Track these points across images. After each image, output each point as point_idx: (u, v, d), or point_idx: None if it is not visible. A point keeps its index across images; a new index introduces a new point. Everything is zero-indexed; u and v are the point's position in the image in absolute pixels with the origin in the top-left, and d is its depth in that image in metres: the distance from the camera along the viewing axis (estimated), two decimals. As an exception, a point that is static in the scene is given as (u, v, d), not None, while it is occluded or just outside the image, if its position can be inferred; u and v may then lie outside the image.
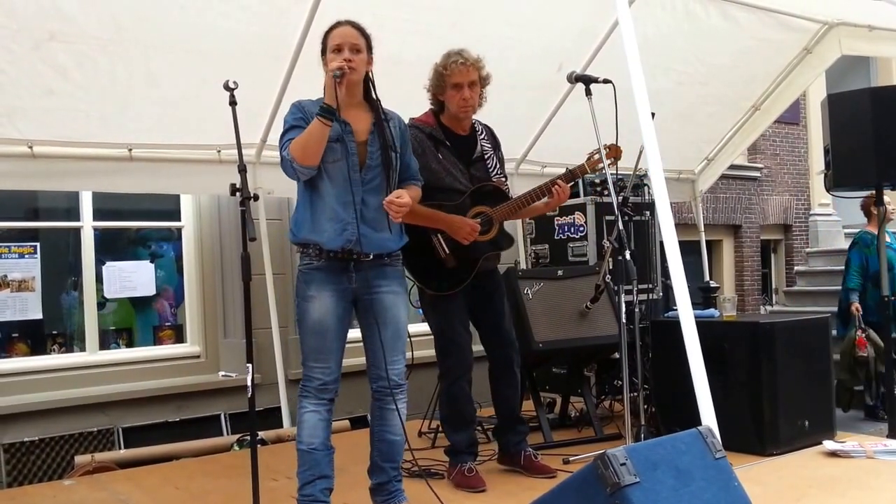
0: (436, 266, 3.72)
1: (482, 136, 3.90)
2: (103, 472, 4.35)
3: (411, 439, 4.50)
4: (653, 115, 3.28)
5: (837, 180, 5.59)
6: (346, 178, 3.07)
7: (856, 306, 6.16)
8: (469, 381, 3.82)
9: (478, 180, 3.81)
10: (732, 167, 7.86)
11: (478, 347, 3.90)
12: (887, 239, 5.80)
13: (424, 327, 4.02)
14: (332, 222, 3.06)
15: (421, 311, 3.92)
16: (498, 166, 3.90)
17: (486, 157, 3.87)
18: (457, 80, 3.65)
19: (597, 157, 3.73)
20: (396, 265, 3.28)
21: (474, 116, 3.87)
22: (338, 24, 3.15)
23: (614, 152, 3.78)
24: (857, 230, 9.72)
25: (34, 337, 5.27)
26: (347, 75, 2.99)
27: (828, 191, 5.95)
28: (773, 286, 10.29)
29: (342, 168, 3.07)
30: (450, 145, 3.77)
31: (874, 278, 5.87)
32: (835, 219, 10.35)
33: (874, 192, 5.44)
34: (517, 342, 4.01)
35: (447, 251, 3.70)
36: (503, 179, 3.91)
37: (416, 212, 3.49)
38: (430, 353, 3.94)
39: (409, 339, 3.40)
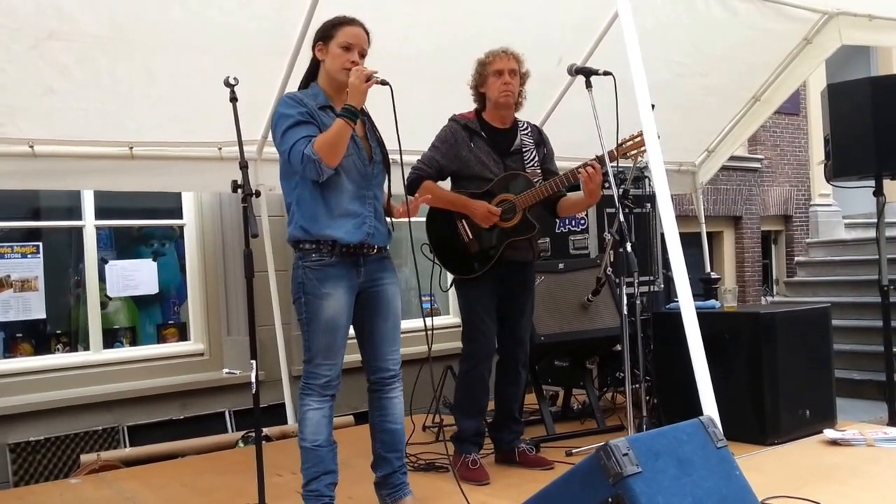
0: (460, 250, 3.82)
1: (524, 131, 3.96)
2: (109, 471, 4.38)
3: (416, 433, 4.54)
4: (653, 106, 3.28)
5: (837, 170, 5.60)
6: (360, 173, 3.12)
7: None
8: (489, 369, 3.87)
9: (511, 171, 3.86)
10: (733, 158, 7.85)
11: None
12: None
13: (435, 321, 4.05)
14: (349, 217, 3.08)
15: (429, 304, 3.96)
16: (536, 160, 3.93)
17: (524, 150, 3.92)
18: (497, 66, 3.78)
19: (630, 143, 3.73)
20: (390, 258, 3.33)
21: (522, 117, 3.97)
22: (350, 22, 3.15)
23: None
24: (858, 220, 9.75)
25: (38, 337, 5.28)
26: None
27: (828, 181, 5.96)
28: (774, 277, 10.29)
29: (356, 163, 3.11)
30: (485, 137, 3.85)
31: None
32: (835, 209, 10.35)
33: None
34: (528, 343, 4.02)
35: (470, 236, 3.80)
36: (538, 172, 3.91)
37: (437, 195, 3.69)
38: (435, 346, 3.95)
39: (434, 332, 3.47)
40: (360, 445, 3.56)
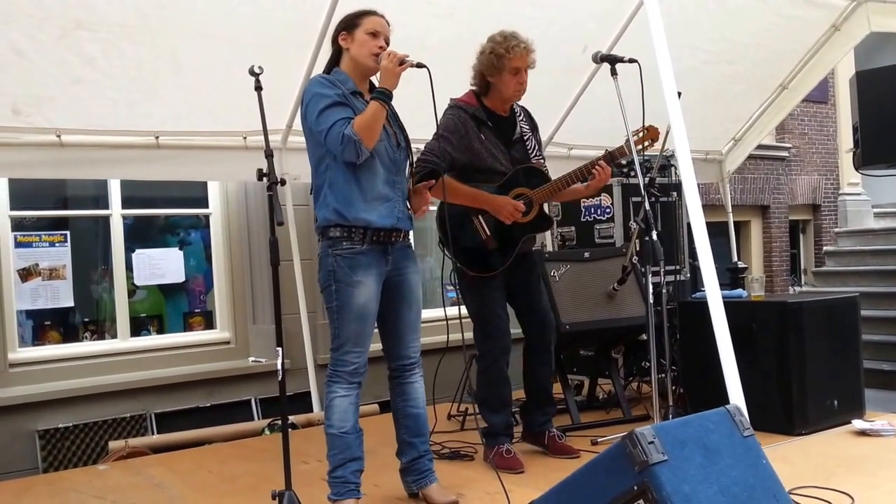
0: (477, 247, 3.74)
1: (521, 118, 3.91)
2: (137, 457, 4.43)
3: (441, 422, 4.55)
4: (679, 94, 3.25)
5: (866, 158, 5.53)
6: (390, 157, 3.14)
7: None
8: (507, 362, 3.83)
9: (517, 162, 3.81)
10: (760, 147, 7.78)
11: (514, 330, 3.90)
12: None
13: (453, 311, 4.03)
14: (381, 201, 3.10)
15: (454, 293, 3.94)
16: (537, 148, 3.90)
17: (525, 138, 3.87)
18: (518, 64, 3.67)
19: (636, 137, 3.71)
20: (412, 246, 3.35)
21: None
22: (373, 12, 3.17)
23: (652, 133, 3.75)
24: (888, 209, 9.63)
25: (66, 325, 5.35)
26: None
27: (856, 169, 5.89)
28: (802, 267, 10.20)
29: (387, 148, 3.13)
30: (491, 126, 3.77)
31: None
32: (864, 198, 10.23)
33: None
34: (553, 321, 4.01)
35: (488, 233, 3.72)
36: (542, 161, 3.90)
37: (459, 191, 3.59)
38: (457, 336, 3.94)
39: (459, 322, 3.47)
40: (385, 434, 3.57)
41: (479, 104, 3.79)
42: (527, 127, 3.91)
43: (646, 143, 3.75)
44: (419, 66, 3.04)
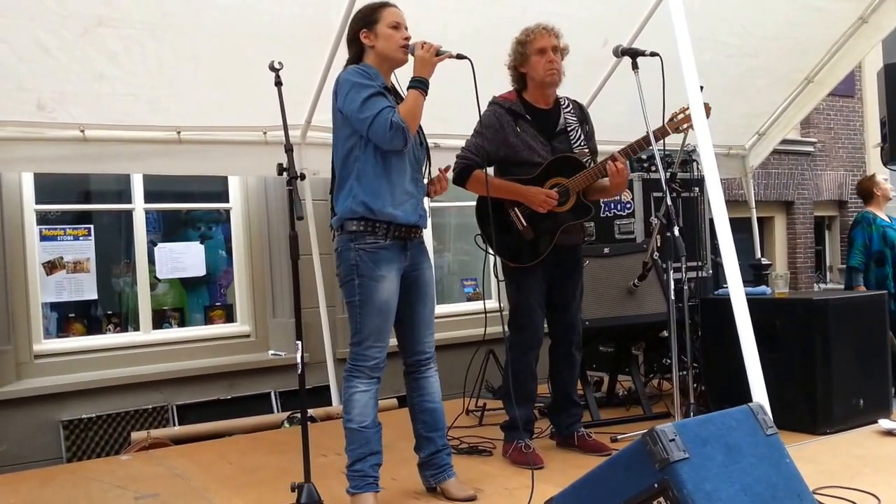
0: (515, 239, 3.73)
1: (567, 109, 3.86)
2: (158, 448, 4.46)
3: (459, 417, 4.54)
4: (701, 88, 3.22)
5: (895, 153, 5.45)
6: (416, 156, 3.15)
7: (861, 289, 5.72)
8: (536, 357, 3.82)
9: (560, 153, 3.78)
10: (785, 142, 7.69)
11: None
12: (887, 219, 5.71)
13: (470, 306, 4.02)
14: (407, 197, 3.10)
15: (469, 289, 3.92)
16: (583, 139, 3.84)
17: (569, 129, 3.82)
18: (540, 44, 3.66)
19: (681, 116, 3.68)
20: (424, 243, 3.35)
21: (560, 92, 3.86)
22: (388, 4, 3.16)
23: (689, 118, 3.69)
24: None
25: (90, 317, 5.41)
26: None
27: (884, 164, 5.83)
28: (828, 264, 10.09)
29: (414, 146, 3.13)
30: (530, 119, 3.75)
31: (876, 257, 5.74)
32: (892, 194, 10.08)
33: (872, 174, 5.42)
34: (580, 325, 3.98)
35: (525, 223, 3.70)
36: (586, 151, 3.84)
37: (493, 184, 3.58)
38: (473, 332, 3.93)
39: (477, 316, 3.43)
40: (403, 428, 3.56)
41: (518, 99, 3.78)
42: (573, 118, 3.85)
43: (685, 126, 3.70)
44: (459, 57, 3.04)
